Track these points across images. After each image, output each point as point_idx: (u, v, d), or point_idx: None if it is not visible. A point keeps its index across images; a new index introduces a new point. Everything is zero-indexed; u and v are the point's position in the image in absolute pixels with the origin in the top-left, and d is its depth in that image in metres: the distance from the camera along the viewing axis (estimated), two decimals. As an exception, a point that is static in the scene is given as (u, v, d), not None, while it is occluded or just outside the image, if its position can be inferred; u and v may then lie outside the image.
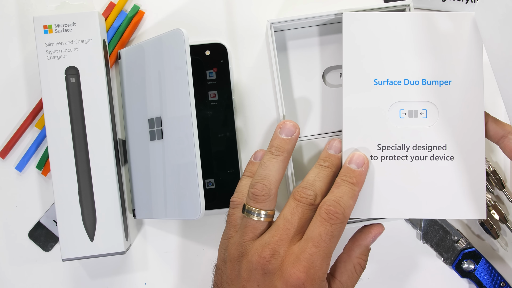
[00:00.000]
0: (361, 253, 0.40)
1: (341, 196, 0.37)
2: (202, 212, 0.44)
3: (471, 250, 0.50)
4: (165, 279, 0.52)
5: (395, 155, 0.39)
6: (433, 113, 0.39)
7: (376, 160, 0.39)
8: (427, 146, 0.39)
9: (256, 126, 0.52)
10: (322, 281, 0.37)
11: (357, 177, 0.38)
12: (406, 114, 0.39)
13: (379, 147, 0.39)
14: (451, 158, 0.39)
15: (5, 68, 0.52)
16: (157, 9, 0.53)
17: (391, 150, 0.39)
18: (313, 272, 0.36)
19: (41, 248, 0.52)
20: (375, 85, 0.40)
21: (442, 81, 0.39)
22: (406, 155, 0.39)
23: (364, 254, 0.41)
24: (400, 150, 0.39)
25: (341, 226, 0.37)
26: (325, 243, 0.36)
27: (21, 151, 0.52)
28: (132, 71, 0.50)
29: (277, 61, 0.47)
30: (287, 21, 0.47)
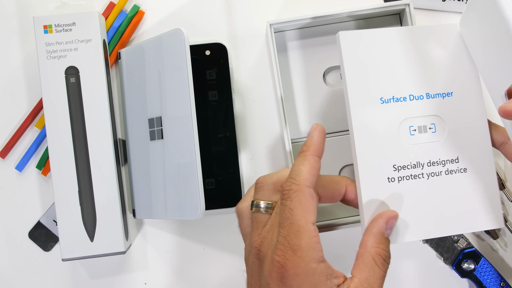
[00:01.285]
0: (377, 241, 0.35)
1: (293, 169, 0.35)
2: (202, 212, 0.44)
3: (471, 250, 0.50)
4: (165, 279, 0.52)
5: (411, 174, 0.38)
6: (441, 127, 0.39)
7: (393, 182, 0.38)
8: (441, 161, 0.38)
9: (256, 126, 0.52)
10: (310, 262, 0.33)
11: (307, 144, 0.36)
12: (416, 131, 0.38)
13: (395, 168, 0.38)
14: (464, 170, 0.38)
15: (5, 68, 0.52)
16: (157, 9, 0.53)
17: (407, 170, 0.38)
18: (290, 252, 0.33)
19: (41, 248, 0.52)
20: (382, 103, 0.38)
21: (445, 93, 0.39)
22: (422, 172, 0.38)
23: (381, 243, 0.35)
24: (415, 169, 0.38)
25: (297, 195, 0.34)
26: (289, 219, 0.33)
27: (21, 151, 0.52)
28: (132, 71, 0.50)
29: (278, 62, 0.47)
30: (287, 21, 0.47)
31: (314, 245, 0.33)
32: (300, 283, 0.32)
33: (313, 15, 0.46)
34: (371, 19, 0.50)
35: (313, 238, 0.33)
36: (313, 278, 0.32)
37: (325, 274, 0.33)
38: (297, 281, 0.32)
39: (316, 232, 0.33)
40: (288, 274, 0.33)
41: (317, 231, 0.34)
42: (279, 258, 0.33)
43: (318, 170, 0.36)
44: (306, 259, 0.32)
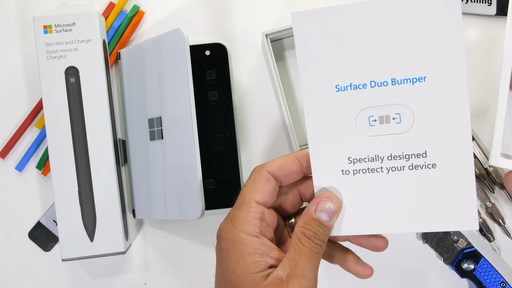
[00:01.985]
0: (303, 222, 0.35)
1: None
2: (202, 212, 0.44)
3: (471, 250, 0.50)
4: (165, 279, 0.52)
5: (368, 167, 0.35)
6: (408, 117, 0.34)
7: (348, 175, 0.35)
8: (404, 155, 0.35)
9: (256, 126, 0.52)
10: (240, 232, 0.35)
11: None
12: (376, 121, 0.35)
13: (350, 160, 0.35)
14: (433, 165, 0.34)
15: (5, 68, 0.52)
16: (157, 9, 0.53)
17: (363, 163, 0.35)
18: (229, 220, 0.36)
19: (41, 248, 0.52)
20: (337, 91, 0.34)
21: (416, 78, 0.33)
22: (381, 166, 0.35)
23: (307, 223, 0.35)
24: (373, 162, 0.35)
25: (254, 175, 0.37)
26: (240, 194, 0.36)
27: (21, 151, 0.52)
28: (132, 71, 0.50)
29: (278, 72, 0.47)
30: (282, 30, 0.47)
31: (249, 219, 0.35)
32: (228, 247, 0.35)
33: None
34: None
35: (251, 213, 0.35)
36: (240, 246, 0.34)
37: (255, 248, 0.34)
38: (226, 245, 0.35)
39: (258, 210, 0.35)
40: (221, 238, 0.35)
41: (260, 209, 0.35)
42: (221, 225, 0.36)
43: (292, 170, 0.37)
44: (238, 228, 0.35)
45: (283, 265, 0.34)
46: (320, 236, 0.35)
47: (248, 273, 0.34)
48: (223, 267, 0.35)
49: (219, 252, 0.36)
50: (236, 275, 0.34)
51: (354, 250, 0.41)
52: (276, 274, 0.34)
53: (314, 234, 0.35)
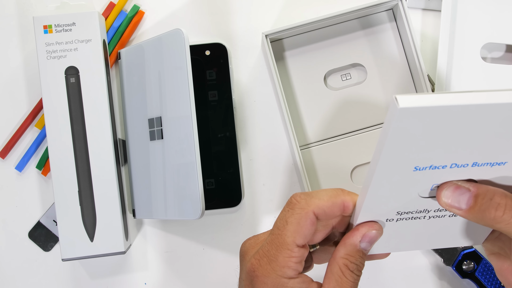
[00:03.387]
0: (346, 253, 0.34)
1: (320, 192, 0.34)
2: (202, 212, 0.44)
3: (471, 251, 0.50)
4: (165, 279, 0.52)
5: (413, 217, 0.35)
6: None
7: (391, 222, 0.35)
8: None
9: (256, 126, 0.52)
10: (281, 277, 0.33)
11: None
12: (437, 187, 0.33)
13: (398, 213, 0.35)
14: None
15: (5, 68, 0.52)
16: (157, 9, 0.53)
17: (410, 214, 0.35)
18: (266, 260, 0.33)
19: (41, 248, 0.52)
20: (414, 171, 0.31)
21: (497, 162, 0.31)
22: (425, 215, 0.35)
23: (350, 255, 0.34)
24: (420, 213, 0.35)
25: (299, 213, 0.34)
26: (279, 230, 0.34)
27: (21, 151, 0.52)
28: (132, 71, 0.50)
29: (277, 72, 0.47)
30: (282, 31, 0.47)
31: (290, 264, 0.33)
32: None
33: (304, 21, 0.47)
34: (365, 17, 0.50)
35: (293, 258, 0.33)
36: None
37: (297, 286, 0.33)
38: (263, 287, 0.33)
39: (300, 253, 0.34)
40: (257, 280, 0.34)
41: (301, 252, 0.34)
42: (254, 261, 0.34)
43: (335, 215, 0.35)
44: (278, 273, 0.33)
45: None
46: (362, 267, 0.35)
47: None
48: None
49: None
50: None
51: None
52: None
53: (357, 267, 0.35)
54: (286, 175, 0.52)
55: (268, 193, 0.52)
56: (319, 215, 0.34)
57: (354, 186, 0.49)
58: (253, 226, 0.52)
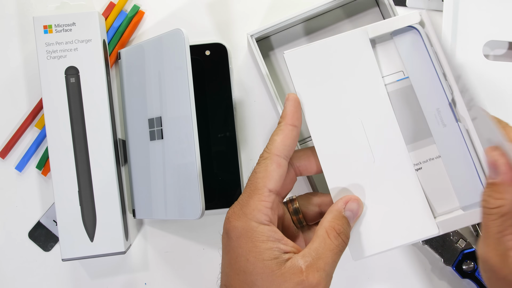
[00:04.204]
0: (332, 217, 0.36)
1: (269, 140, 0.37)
2: (202, 212, 0.44)
3: (471, 251, 0.50)
4: (165, 279, 0.52)
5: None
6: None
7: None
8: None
9: (256, 126, 0.52)
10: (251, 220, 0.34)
11: (282, 115, 0.38)
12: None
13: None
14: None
15: (5, 68, 0.52)
16: (157, 9, 0.53)
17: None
18: (238, 207, 0.36)
19: (41, 248, 0.52)
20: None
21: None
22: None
23: (336, 219, 0.36)
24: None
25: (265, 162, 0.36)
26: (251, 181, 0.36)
27: (21, 151, 0.52)
28: (132, 71, 0.50)
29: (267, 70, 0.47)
30: (267, 28, 0.47)
31: (261, 208, 0.35)
32: (238, 235, 0.34)
33: (289, 16, 0.47)
34: (349, 4, 0.50)
35: (263, 202, 0.35)
36: (252, 234, 0.34)
37: (267, 235, 0.34)
38: (236, 233, 0.34)
39: (270, 198, 0.35)
40: (229, 226, 0.35)
41: (272, 198, 0.35)
42: (230, 212, 0.36)
43: (293, 139, 0.37)
44: (249, 216, 0.34)
45: (304, 255, 0.34)
46: (348, 234, 0.36)
47: (262, 259, 0.33)
48: (234, 255, 0.35)
49: (228, 240, 0.35)
50: (250, 263, 0.34)
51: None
52: (295, 263, 0.33)
53: (344, 231, 0.35)
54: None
55: (268, 193, 0.52)
56: (283, 153, 0.36)
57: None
58: (253, 226, 0.52)
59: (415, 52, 0.39)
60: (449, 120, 0.38)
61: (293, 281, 0.33)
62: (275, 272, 0.33)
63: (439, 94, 0.38)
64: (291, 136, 0.37)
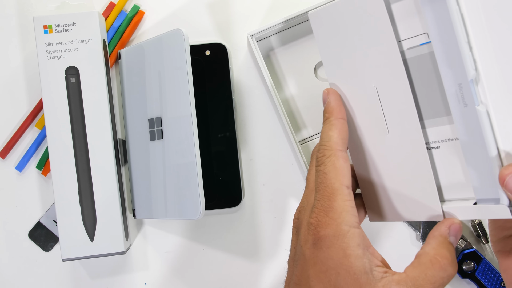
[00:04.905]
0: (438, 244, 0.32)
1: (322, 137, 0.36)
2: (202, 212, 0.44)
3: (471, 251, 0.50)
4: (165, 279, 0.52)
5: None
6: None
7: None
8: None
9: (256, 126, 0.52)
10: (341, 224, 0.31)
11: (327, 110, 0.37)
12: None
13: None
14: None
15: (5, 68, 0.52)
16: (157, 9, 0.53)
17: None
18: (323, 214, 0.32)
19: (41, 248, 0.52)
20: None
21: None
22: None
23: (442, 247, 0.32)
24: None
25: (331, 159, 0.34)
26: (323, 183, 0.33)
27: (21, 151, 0.52)
28: (132, 71, 0.50)
29: (267, 70, 0.47)
30: (267, 29, 0.47)
31: (347, 208, 0.32)
32: (329, 245, 0.31)
33: (289, 17, 0.47)
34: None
35: (347, 201, 0.32)
36: (342, 241, 0.31)
37: (357, 241, 0.31)
38: (327, 242, 0.31)
39: (351, 196, 0.33)
40: (319, 236, 0.32)
41: (352, 195, 0.33)
42: (313, 220, 0.32)
43: (347, 132, 0.36)
44: (338, 220, 0.31)
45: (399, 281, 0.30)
46: (453, 264, 0.32)
47: (354, 273, 0.31)
48: (324, 268, 0.31)
49: (317, 252, 0.32)
50: (341, 277, 0.31)
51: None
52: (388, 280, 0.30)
53: (449, 262, 0.32)
54: (286, 175, 0.52)
55: (268, 193, 0.52)
56: (344, 148, 0.35)
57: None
58: (253, 226, 0.52)
59: (438, 11, 0.31)
60: (470, 100, 0.31)
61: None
62: (361, 284, 0.30)
63: (461, 67, 0.30)
64: (345, 129, 0.36)
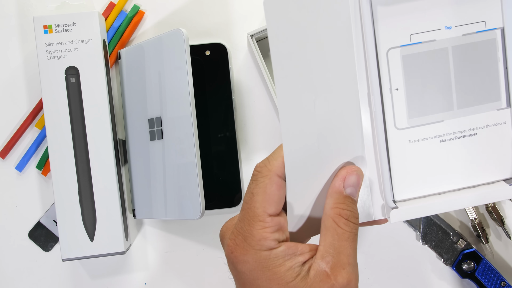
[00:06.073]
0: (335, 202, 0.32)
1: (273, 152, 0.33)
2: (202, 212, 0.44)
3: (471, 251, 0.50)
4: (165, 279, 0.52)
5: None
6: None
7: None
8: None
9: (256, 126, 0.52)
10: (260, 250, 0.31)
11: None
12: None
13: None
14: None
15: (5, 68, 0.52)
16: (157, 9, 0.53)
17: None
18: (241, 238, 0.31)
19: (41, 248, 0.52)
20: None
21: None
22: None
23: (340, 202, 0.32)
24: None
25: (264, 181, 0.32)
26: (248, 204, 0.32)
27: (21, 151, 0.52)
28: (132, 71, 0.50)
29: (267, 70, 0.47)
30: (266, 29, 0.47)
31: (266, 235, 0.31)
32: (251, 269, 0.31)
33: None
34: None
35: (267, 228, 0.31)
36: (267, 263, 0.31)
37: (282, 257, 0.31)
38: (247, 266, 0.31)
39: (274, 222, 0.31)
40: (237, 260, 0.32)
41: (275, 221, 0.31)
42: (230, 242, 0.32)
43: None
44: (256, 247, 0.31)
45: (323, 256, 0.31)
46: (356, 214, 0.32)
47: (286, 283, 0.30)
48: (249, 286, 0.32)
49: (240, 274, 0.32)
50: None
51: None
52: (318, 269, 0.31)
53: (351, 214, 0.32)
54: (286, 175, 0.52)
55: (268, 193, 0.52)
56: (283, 173, 0.32)
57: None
58: (253, 226, 0.52)
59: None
60: None
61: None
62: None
63: None
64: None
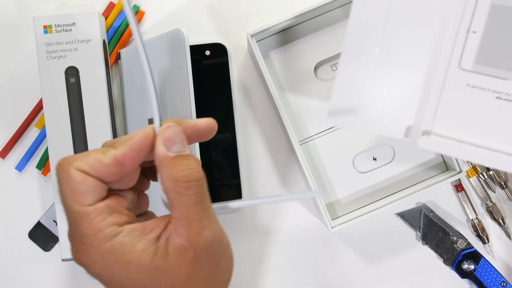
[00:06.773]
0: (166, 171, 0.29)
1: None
2: (202, 212, 0.44)
3: (471, 251, 0.50)
4: (165, 279, 0.52)
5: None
6: None
7: None
8: None
9: (256, 126, 0.52)
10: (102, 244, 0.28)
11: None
12: None
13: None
14: None
15: (5, 68, 0.52)
16: (157, 9, 0.53)
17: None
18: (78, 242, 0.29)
19: (41, 248, 0.52)
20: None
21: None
22: None
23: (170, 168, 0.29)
24: None
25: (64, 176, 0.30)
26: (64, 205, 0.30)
27: (21, 151, 0.52)
28: (132, 71, 0.50)
29: (267, 70, 0.47)
30: (266, 29, 0.47)
31: (99, 226, 0.28)
32: (103, 267, 0.29)
33: (289, 16, 0.47)
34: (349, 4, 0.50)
35: (95, 219, 0.28)
36: (115, 254, 0.28)
37: (130, 239, 0.28)
38: (99, 266, 0.29)
39: (99, 211, 0.29)
40: (86, 265, 0.29)
41: (101, 208, 0.29)
42: (72, 250, 0.30)
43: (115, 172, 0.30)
44: (96, 243, 0.28)
45: (176, 230, 0.28)
46: (196, 168, 0.30)
47: (145, 267, 0.28)
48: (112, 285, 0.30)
49: (99, 277, 0.30)
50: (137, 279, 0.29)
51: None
52: (175, 244, 0.28)
53: (189, 172, 0.29)
54: (286, 174, 0.52)
55: (268, 193, 0.52)
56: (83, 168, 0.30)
57: (357, 173, 0.50)
58: (253, 226, 0.52)
59: None
60: None
61: (187, 262, 0.28)
62: (162, 269, 0.28)
63: None
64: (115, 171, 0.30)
